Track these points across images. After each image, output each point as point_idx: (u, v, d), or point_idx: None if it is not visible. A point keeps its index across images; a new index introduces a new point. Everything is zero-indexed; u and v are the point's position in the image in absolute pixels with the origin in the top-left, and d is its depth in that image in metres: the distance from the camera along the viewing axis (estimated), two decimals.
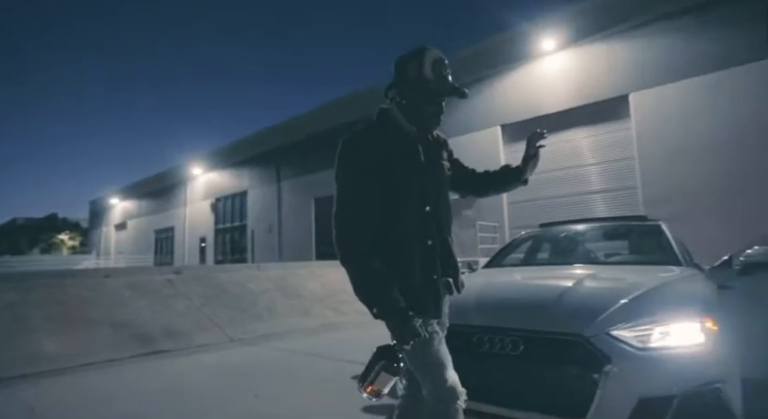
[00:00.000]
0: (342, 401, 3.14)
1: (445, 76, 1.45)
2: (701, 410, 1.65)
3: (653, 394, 1.68)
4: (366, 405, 3.01)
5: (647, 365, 1.73)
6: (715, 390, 1.69)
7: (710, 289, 2.28)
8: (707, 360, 1.73)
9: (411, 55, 1.46)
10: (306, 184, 17.42)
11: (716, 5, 8.68)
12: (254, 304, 7.25)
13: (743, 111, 8.28)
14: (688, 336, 1.78)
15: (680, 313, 1.86)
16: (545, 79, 11.13)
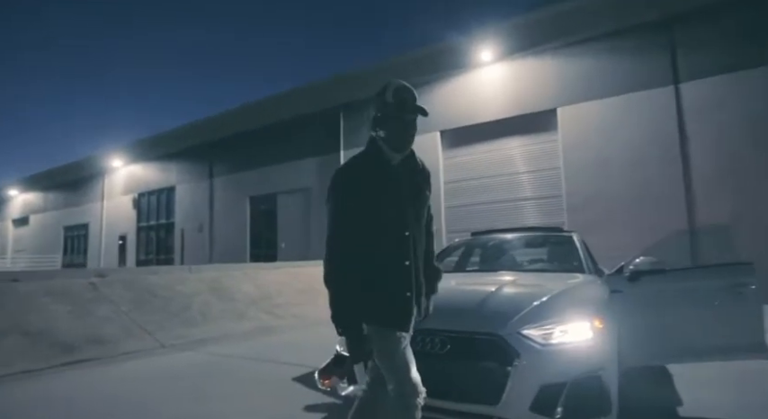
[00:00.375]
0: (283, 401, 3.35)
1: (407, 98, 1.72)
2: (585, 393, 2.10)
3: (551, 381, 2.10)
4: (306, 404, 3.25)
5: (548, 358, 2.16)
6: (596, 377, 2.15)
7: (603, 294, 2.80)
8: (592, 352, 2.19)
9: (378, 92, 1.75)
10: (241, 182, 17.05)
11: (627, 35, 9.86)
12: (187, 308, 7.15)
13: (648, 130, 9.49)
14: (580, 333, 2.23)
15: (575, 314, 2.31)
16: (482, 89, 11.90)
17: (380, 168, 1.72)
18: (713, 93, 8.96)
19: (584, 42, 10.43)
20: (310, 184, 14.94)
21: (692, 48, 9.24)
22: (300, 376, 4.07)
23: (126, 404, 3.42)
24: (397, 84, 1.75)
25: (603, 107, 10.13)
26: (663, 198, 9.19)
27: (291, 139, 15.51)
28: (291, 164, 15.42)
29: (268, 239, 16.04)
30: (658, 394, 3.28)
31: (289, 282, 9.77)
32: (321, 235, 10.53)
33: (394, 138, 1.72)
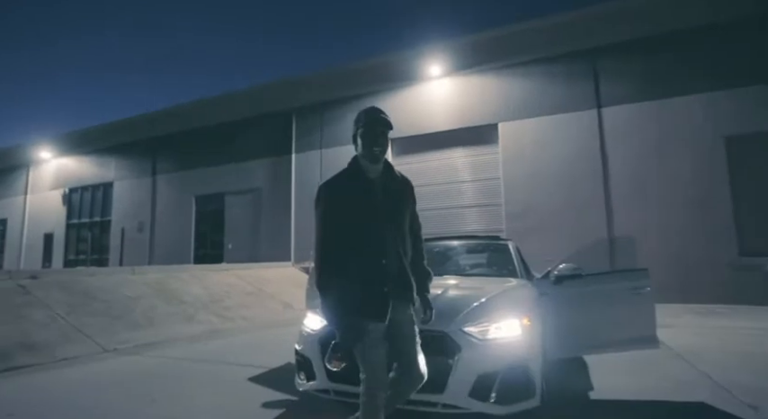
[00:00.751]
0: (240, 401, 3.49)
1: (376, 116, 2.03)
2: (513, 380, 2.48)
3: (486, 371, 2.46)
4: (264, 401, 3.41)
5: (484, 351, 2.52)
6: (524, 367, 2.54)
7: (532, 296, 3.23)
8: (520, 346, 2.58)
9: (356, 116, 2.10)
10: (186, 180, 16.46)
11: (559, 61, 10.82)
12: (131, 311, 6.94)
13: (575, 147, 10.46)
14: (510, 330, 2.61)
15: (507, 314, 2.70)
16: (431, 101, 12.45)
17: (358, 181, 1.99)
18: (629, 119, 10.06)
19: (522, 65, 11.27)
20: (260, 185, 14.79)
21: (612, 77, 10.32)
22: (256, 376, 4.19)
23: (75, 409, 3.37)
24: (369, 107, 2.11)
25: (538, 125, 11.00)
26: (587, 209, 10.15)
27: (242, 139, 15.26)
28: (241, 165, 15.16)
29: (214, 240, 15.63)
30: (576, 381, 3.79)
31: (237, 285, 9.69)
32: (271, 236, 10.90)
33: (366, 150, 2.00)
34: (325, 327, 2.98)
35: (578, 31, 10.34)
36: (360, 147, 2.04)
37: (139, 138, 17.46)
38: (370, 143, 2.01)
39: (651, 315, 3.42)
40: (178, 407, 3.33)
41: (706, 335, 5.83)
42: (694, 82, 9.59)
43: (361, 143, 2.03)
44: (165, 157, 17.18)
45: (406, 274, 2.02)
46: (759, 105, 9.02)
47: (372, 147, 2.00)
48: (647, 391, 3.46)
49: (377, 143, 2.01)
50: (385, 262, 1.93)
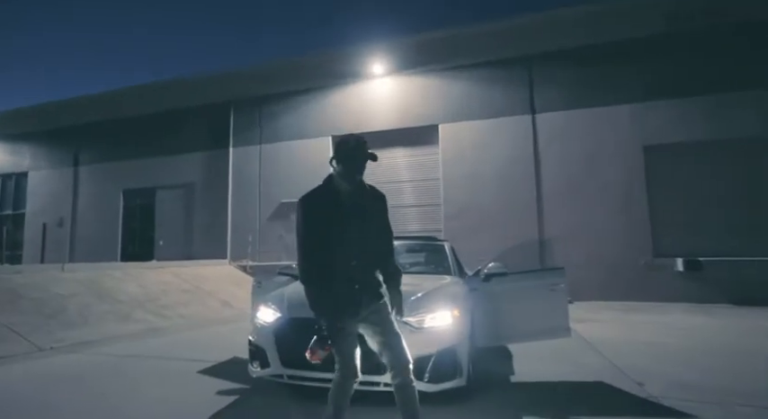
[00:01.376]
0: (192, 391, 3.75)
1: (362, 147, 2.36)
2: (444, 362, 3.00)
3: (422, 354, 2.95)
4: (217, 390, 3.69)
5: (420, 337, 3.01)
6: (453, 351, 3.06)
7: (463, 292, 3.79)
8: (450, 333, 3.11)
9: (341, 139, 2.41)
10: (113, 173, 15.70)
11: (498, 67, 11.72)
12: (63, 309, 6.82)
13: (511, 151, 11.39)
14: (442, 320, 3.13)
15: (440, 306, 3.22)
16: (373, 100, 12.91)
17: (330, 195, 2.37)
18: (560, 125, 11.13)
19: (463, 68, 12.04)
20: (195, 180, 14.50)
21: (546, 85, 11.36)
22: (204, 369, 4.43)
23: (25, 405, 3.46)
24: (358, 136, 2.42)
25: (477, 128, 11.83)
26: (521, 210, 11.12)
27: (175, 132, 14.85)
28: (174, 158, 14.76)
29: (144, 237, 15.12)
30: (500, 366, 4.42)
31: (174, 283, 9.63)
32: (205, 233, 11.07)
33: (348, 174, 2.35)
34: (279, 319, 3.35)
35: (516, 38, 11.26)
36: (341, 169, 2.36)
37: (61, 126, 16.41)
38: (354, 171, 2.35)
39: (564, 308, 4.10)
40: (130, 400, 3.53)
41: (618, 328, 6.80)
42: (619, 94, 10.79)
43: (343, 168, 2.35)
44: (90, 147, 16.29)
45: (374, 274, 2.41)
46: (675, 118, 10.35)
47: (355, 175, 2.35)
48: (558, 374, 4.15)
49: (360, 172, 2.37)
50: (354, 264, 2.32)
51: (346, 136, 2.43)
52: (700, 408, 3.13)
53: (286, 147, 13.42)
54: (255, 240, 13.18)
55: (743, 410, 3.12)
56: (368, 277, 2.40)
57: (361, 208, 2.39)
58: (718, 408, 3.15)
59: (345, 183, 2.37)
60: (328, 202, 2.35)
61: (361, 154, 2.34)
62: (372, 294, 2.39)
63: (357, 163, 2.33)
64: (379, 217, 2.48)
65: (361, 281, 2.35)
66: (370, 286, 2.39)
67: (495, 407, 3.23)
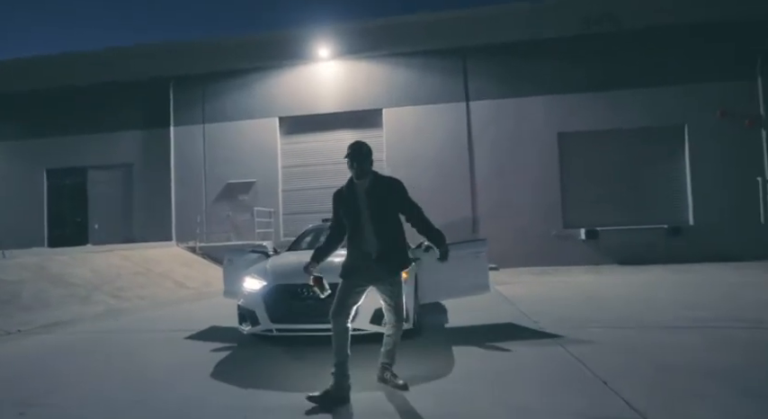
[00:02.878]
0: (189, 352, 4.62)
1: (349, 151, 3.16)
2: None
3: (379, 306, 4.09)
4: (212, 348, 4.60)
5: None
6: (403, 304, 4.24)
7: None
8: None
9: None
10: (33, 151, 15.03)
11: (436, 56, 12.94)
12: (17, 295, 7.19)
13: (448, 135, 12.78)
14: None
15: None
16: (319, 83, 13.65)
17: (349, 188, 3.22)
18: (490, 112, 12.65)
19: (404, 55, 13.12)
20: (132, 160, 14.48)
21: (478, 75, 12.77)
22: (190, 336, 5.27)
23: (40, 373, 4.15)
24: (358, 142, 3.24)
25: (418, 112, 13.04)
26: (456, 189, 12.59)
27: (108, 107, 14.54)
28: (108, 136, 14.52)
29: (75, 219, 14.90)
30: (437, 316, 5.72)
31: (125, 266, 10.04)
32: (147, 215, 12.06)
33: (353, 174, 3.19)
34: (266, 287, 4.32)
35: (453, 30, 12.51)
36: (352, 171, 3.18)
37: None
38: (349, 169, 3.19)
39: (486, 270, 5.42)
40: (137, 362, 4.33)
41: (530, 287, 8.45)
42: (539, 86, 12.47)
43: (350, 169, 3.18)
44: (2, 121, 15.46)
45: (386, 252, 3.14)
46: (581, 110, 12.23)
47: (351, 171, 3.19)
48: (481, 320, 5.52)
49: (352, 169, 3.18)
50: (364, 245, 3.08)
51: (352, 143, 3.24)
52: (567, 330, 4.68)
53: (232, 127, 13.81)
54: (202, 221, 13.62)
55: (593, 330, 4.73)
56: (385, 250, 3.09)
57: (375, 198, 3.14)
58: (579, 329, 4.73)
59: (355, 178, 3.19)
60: (348, 195, 3.20)
61: (348, 155, 3.16)
62: (389, 266, 3.12)
63: (350, 162, 3.14)
64: (396, 202, 3.21)
65: (377, 254, 3.07)
66: (388, 259, 3.10)
67: (432, 342, 4.50)
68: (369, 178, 3.18)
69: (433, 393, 3.09)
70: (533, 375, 3.38)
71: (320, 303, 3.92)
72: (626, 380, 3.09)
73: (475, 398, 2.95)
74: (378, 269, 3.11)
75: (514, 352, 4.05)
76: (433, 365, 3.74)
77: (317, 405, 2.85)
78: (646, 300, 6.68)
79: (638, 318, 5.29)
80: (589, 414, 2.59)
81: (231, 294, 5.79)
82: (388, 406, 2.88)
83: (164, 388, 3.42)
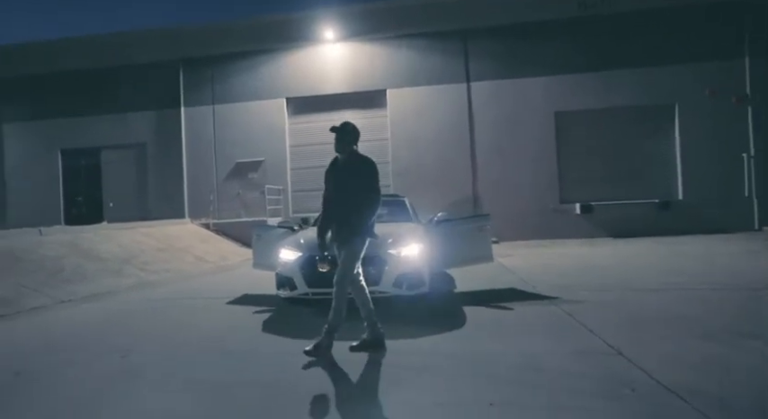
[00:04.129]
0: (232, 315, 5.30)
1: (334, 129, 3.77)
2: (414, 276, 4.83)
3: (401, 272, 4.75)
4: (254, 311, 5.27)
5: (400, 261, 4.79)
6: (420, 270, 4.90)
7: (423, 232, 5.62)
8: (418, 259, 4.92)
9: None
10: (48, 132, 15.51)
11: (437, 38, 13.31)
12: (60, 269, 7.82)
13: (449, 115, 13.28)
14: (413, 251, 4.94)
15: (410, 241, 5.02)
16: (325, 64, 14.02)
17: (333, 163, 3.83)
18: (491, 93, 13.12)
19: (406, 37, 13.49)
20: (145, 139, 14.94)
21: (479, 56, 13.18)
22: (230, 302, 5.95)
23: (114, 331, 4.84)
24: (343, 123, 3.85)
25: (420, 93, 13.49)
26: (458, 167, 13.18)
27: (121, 89, 14.93)
28: (121, 116, 14.95)
29: (90, 198, 15.46)
30: (447, 284, 6.42)
31: (147, 242, 10.67)
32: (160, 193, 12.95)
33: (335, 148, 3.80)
34: (301, 256, 4.97)
35: (454, 12, 12.85)
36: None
37: None
38: (335, 145, 3.78)
39: (489, 243, 6.06)
40: (195, 322, 5.02)
41: (529, 259, 9.15)
42: (537, 67, 12.91)
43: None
44: (14, 103, 15.82)
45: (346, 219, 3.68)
46: (579, 89, 12.72)
47: (335, 148, 3.79)
48: (485, 286, 6.23)
49: (336, 146, 3.77)
50: (336, 210, 3.65)
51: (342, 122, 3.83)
52: (561, 293, 5.39)
53: (241, 107, 14.25)
54: (215, 199, 14.21)
55: (584, 292, 5.46)
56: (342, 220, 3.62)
57: (349, 171, 3.70)
58: (571, 292, 5.44)
59: (339, 155, 3.79)
60: (331, 168, 3.82)
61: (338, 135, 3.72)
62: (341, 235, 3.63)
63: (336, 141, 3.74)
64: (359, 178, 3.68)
65: (337, 222, 3.67)
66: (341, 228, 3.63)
67: (446, 303, 5.20)
68: (346, 154, 3.71)
69: (453, 339, 3.77)
70: (533, 327, 4.07)
71: None
72: (607, 329, 3.79)
73: (488, 344, 3.63)
74: (336, 235, 3.66)
75: (516, 310, 4.74)
76: (449, 320, 4.43)
77: (358, 345, 3.54)
78: (634, 269, 7.39)
79: (624, 283, 5.99)
80: (577, 352, 3.28)
81: (260, 266, 6.46)
82: (423, 347, 3.57)
83: (228, 341, 4.10)
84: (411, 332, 4.00)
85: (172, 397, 2.85)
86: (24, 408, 2.78)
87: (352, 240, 3.58)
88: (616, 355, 3.15)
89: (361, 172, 3.69)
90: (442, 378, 2.91)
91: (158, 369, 3.36)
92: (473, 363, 3.16)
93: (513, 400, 2.50)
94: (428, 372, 3.04)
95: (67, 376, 3.31)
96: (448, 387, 2.75)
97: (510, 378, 2.85)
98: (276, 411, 2.57)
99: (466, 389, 2.70)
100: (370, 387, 2.88)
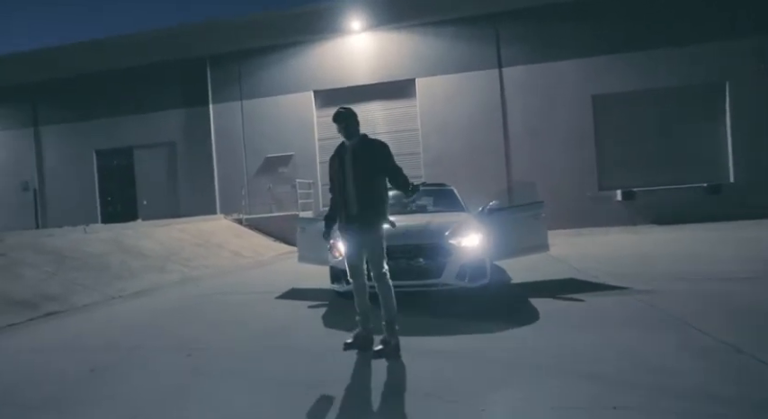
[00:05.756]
0: (285, 309, 5.14)
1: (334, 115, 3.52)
2: (477, 268, 4.58)
3: (464, 264, 4.51)
4: (307, 306, 5.10)
5: (462, 251, 4.54)
6: (483, 261, 4.65)
7: (479, 223, 5.35)
8: (480, 248, 4.67)
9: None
10: (82, 132, 15.69)
11: (466, 23, 12.87)
12: (107, 265, 7.81)
13: (479, 102, 12.87)
14: (474, 240, 4.68)
15: (470, 231, 4.76)
16: (352, 55, 13.75)
17: (341, 151, 3.55)
18: (523, 78, 12.66)
19: (433, 25, 13.11)
20: (174, 138, 14.95)
21: (511, 41, 12.72)
22: (279, 296, 5.81)
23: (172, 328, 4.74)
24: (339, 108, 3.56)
25: (449, 81, 13.12)
26: (490, 155, 12.79)
27: (149, 88, 14.98)
28: (150, 116, 15.01)
29: (124, 197, 15.60)
30: (502, 275, 6.15)
31: (185, 238, 10.66)
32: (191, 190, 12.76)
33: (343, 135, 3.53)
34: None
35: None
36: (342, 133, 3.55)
37: (15, 82, 15.88)
38: (339, 132, 3.54)
39: (544, 231, 5.76)
40: (254, 316, 4.87)
41: (574, 248, 8.79)
42: (571, 50, 12.39)
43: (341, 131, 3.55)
44: (51, 105, 16.03)
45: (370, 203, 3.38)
46: (616, 70, 12.17)
47: (341, 134, 3.54)
48: (540, 277, 5.94)
49: (341, 133, 3.54)
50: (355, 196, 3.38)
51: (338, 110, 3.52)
52: (628, 283, 5.04)
53: (268, 102, 14.11)
54: (245, 194, 14.16)
55: (652, 282, 5.08)
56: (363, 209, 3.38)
57: (359, 157, 3.44)
58: (638, 282, 5.09)
59: (347, 141, 3.53)
60: (338, 154, 3.55)
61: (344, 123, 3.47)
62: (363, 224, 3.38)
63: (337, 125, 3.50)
64: (376, 162, 3.44)
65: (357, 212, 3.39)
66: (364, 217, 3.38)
67: (508, 295, 4.95)
68: (356, 139, 3.49)
69: (537, 333, 3.51)
70: (618, 319, 3.77)
71: (407, 263, 4.37)
72: (705, 321, 3.47)
73: (579, 339, 3.34)
74: (358, 220, 3.39)
75: (588, 301, 4.45)
76: (521, 313, 4.17)
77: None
78: (694, 256, 6.99)
79: (691, 271, 5.63)
80: (687, 348, 2.97)
81: (307, 259, 6.27)
82: (506, 342, 3.32)
83: (293, 337, 3.93)
84: (485, 327, 3.76)
85: (252, 398, 2.67)
86: (107, 408, 2.65)
87: (379, 225, 3.42)
88: (736, 353, 2.83)
89: (377, 154, 3.50)
90: (545, 377, 2.66)
91: (228, 367, 3.21)
92: (573, 361, 2.89)
93: (637, 404, 2.24)
94: (524, 369, 2.80)
95: (140, 373, 3.19)
96: (555, 388, 2.50)
97: (623, 378, 2.57)
98: (381, 412, 2.36)
99: (577, 390, 2.45)
100: (469, 386, 2.64)
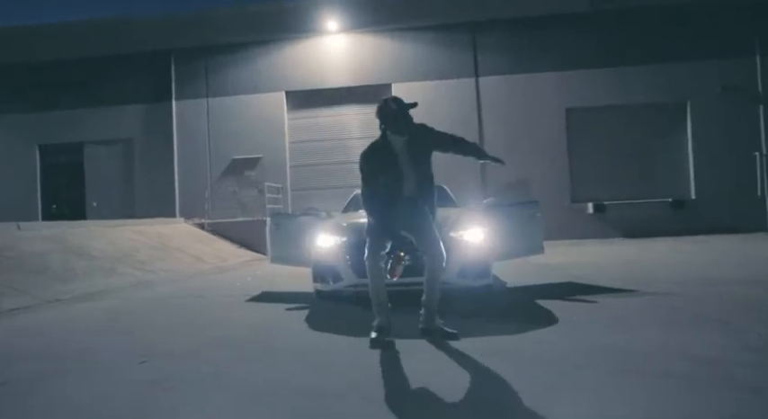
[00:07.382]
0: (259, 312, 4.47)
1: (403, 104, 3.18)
2: (480, 266, 4.10)
3: (465, 259, 4.02)
4: (286, 308, 4.43)
5: (463, 246, 4.07)
6: (486, 258, 4.18)
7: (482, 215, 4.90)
8: (484, 244, 4.20)
9: (381, 104, 3.17)
10: (25, 125, 14.21)
11: (444, 31, 12.73)
12: (46, 267, 6.81)
13: (457, 111, 12.65)
14: (477, 234, 4.21)
15: (472, 224, 4.29)
16: (327, 57, 13.27)
17: (383, 142, 3.16)
18: (500, 88, 12.59)
19: (412, 30, 12.88)
20: (133, 135, 13.85)
21: (487, 50, 12.66)
22: (249, 300, 5.09)
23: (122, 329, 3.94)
24: (395, 97, 3.21)
25: (426, 88, 12.85)
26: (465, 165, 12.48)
27: (106, 80, 13.81)
28: (106, 110, 13.81)
29: (71, 196, 14.23)
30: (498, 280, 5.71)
31: (140, 240, 9.65)
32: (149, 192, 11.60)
33: (399, 129, 3.15)
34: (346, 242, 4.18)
35: (461, 4, 12.31)
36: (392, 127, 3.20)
37: None
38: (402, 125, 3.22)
39: (540, 231, 5.40)
40: (218, 319, 4.16)
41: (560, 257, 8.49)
42: (547, 62, 12.45)
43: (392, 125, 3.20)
44: None
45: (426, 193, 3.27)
46: (590, 85, 12.30)
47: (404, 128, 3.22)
48: (537, 281, 5.54)
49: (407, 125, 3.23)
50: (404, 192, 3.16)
51: (384, 100, 3.19)
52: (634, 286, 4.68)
53: (237, 101, 13.33)
54: (209, 197, 13.19)
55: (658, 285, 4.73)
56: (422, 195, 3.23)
57: (414, 145, 3.19)
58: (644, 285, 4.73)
59: (396, 136, 3.15)
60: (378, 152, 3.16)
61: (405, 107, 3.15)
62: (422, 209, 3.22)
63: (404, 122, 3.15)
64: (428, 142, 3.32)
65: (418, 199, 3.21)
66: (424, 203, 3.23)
67: (510, 298, 4.51)
68: (413, 128, 3.21)
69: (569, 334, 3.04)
70: (647, 320, 3.37)
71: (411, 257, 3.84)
72: (743, 320, 3.12)
73: (604, 340, 2.90)
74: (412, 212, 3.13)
75: (601, 303, 4.06)
76: (538, 314, 3.71)
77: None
78: (680, 263, 6.84)
79: (690, 276, 5.39)
80: (734, 348, 2.58)
81: (281, 260, 5.61)
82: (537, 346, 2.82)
83: (271, 338, 3.28)
84: (503, 328, 3.25)
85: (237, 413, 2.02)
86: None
87: (431, 215, 3.21)
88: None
89: (425, 135, 3.33)
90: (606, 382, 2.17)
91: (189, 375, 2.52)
92: (624, 361, 2.43)
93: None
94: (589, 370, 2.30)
95: (68, 386, 2.45)
96: (629, 395, 2.01)
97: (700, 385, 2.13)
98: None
99: (655, 398, 1.96)
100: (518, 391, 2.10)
